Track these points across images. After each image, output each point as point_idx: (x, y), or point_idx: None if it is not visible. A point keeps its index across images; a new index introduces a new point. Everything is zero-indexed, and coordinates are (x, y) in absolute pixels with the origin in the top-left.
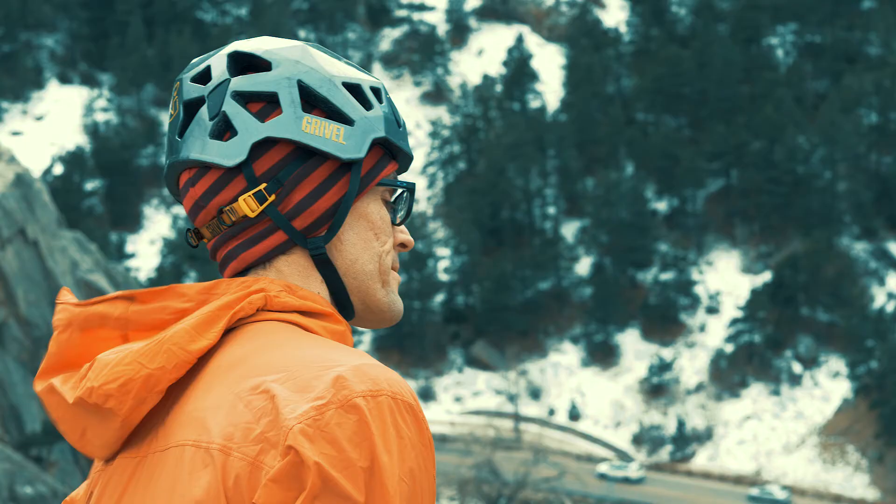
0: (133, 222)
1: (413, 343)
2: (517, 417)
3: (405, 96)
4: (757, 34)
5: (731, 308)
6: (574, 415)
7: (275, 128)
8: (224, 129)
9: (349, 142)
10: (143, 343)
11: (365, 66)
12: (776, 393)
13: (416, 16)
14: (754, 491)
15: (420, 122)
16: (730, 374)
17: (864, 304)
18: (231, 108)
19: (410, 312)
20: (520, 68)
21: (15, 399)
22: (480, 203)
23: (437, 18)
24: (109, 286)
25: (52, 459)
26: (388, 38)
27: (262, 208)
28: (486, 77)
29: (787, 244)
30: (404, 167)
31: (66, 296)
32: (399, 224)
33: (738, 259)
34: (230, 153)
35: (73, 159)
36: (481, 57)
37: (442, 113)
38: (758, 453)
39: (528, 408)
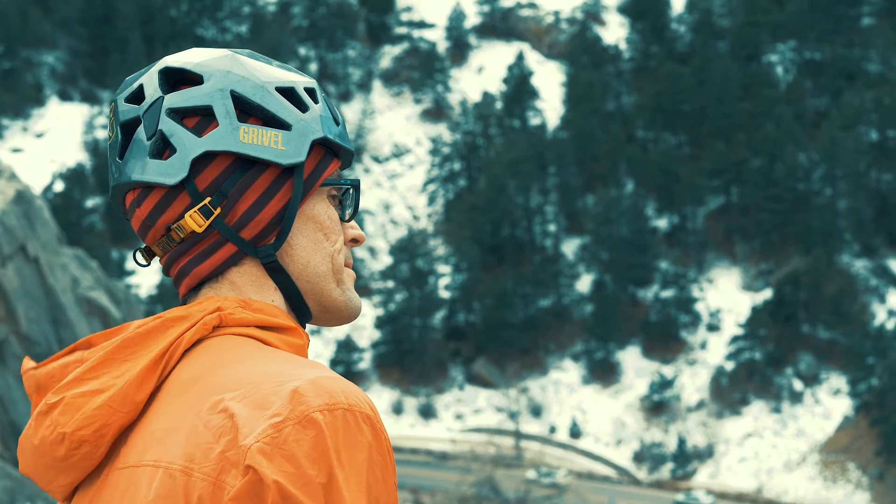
0: (134, 239)
1: (414, 360)
2: (518, 435)
3: (405, 113)
4: (756, 51)
5: (732, 325)
6: (575, 432)
7: (212, 141)
8: (163, 148)
9: (288, 147)
10: (105, 377)
11: (365, 83)
12: (777, 410)
13: (416, 33)
14: (680, 496)
15: (420, 139)
16: (731, 392)
17: (864, 321)
18: (167, 125)
19: (411, 329)
20: (520, 85)
21: (15, 416)
22: (481, 220)
23: (437, 36)
24: (110, 303)
25: None
26: (389, 55)
27: (208, 222)
28: (486, 94)
29: (788, 261)
30: (347, 163)
31: (27, 363)
32: (348, 220)
33: (739, 276)
34: (171, 171)
35: (73, 176)
36: (481, 74)
37: (442, 130)
38: (759, 471)
39: (529, 425)
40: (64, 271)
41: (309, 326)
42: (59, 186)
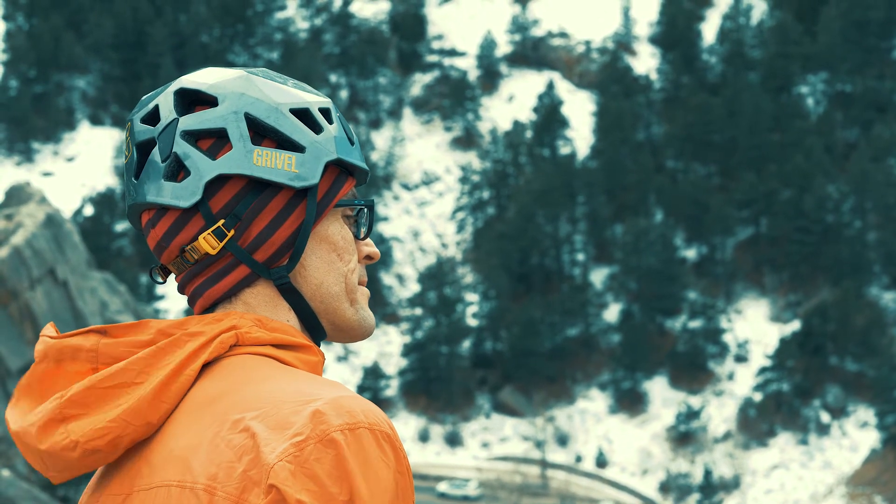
0: None
1: (440, 388)
2: (544, 464)
3: (435, 141)
4: (787, 83)
5: (760, 356)
6: (601, 462)
7: (226, 164)
8: (177, 170)
9: (302, 169)
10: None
11: (395, 110)
12: (804, 442)
13: (447, 61)
14: None
15: (450, 167)
16: (758, 423)
17: (892, 353)
18: (181, 148)
19: (438, 357)
20: (550, 114)
21: None
22: (509, 249)
23: (467, 64)
24: None
25: (78, 499)
26: (419, 83)
27: (222, 245)
28: (516, 123)
29: (816, 293)
30: (362, 181)
31: (49, 329)
32: (363, 238)
33: (767, 307)
34: (185, 194)
35: (103, 200)
36: (512, 103)
37: (472, 158)
38: (785, 503)
39: (556, 454)
40: (93, 295)
41: (336, 352)
42: (88, 210)
